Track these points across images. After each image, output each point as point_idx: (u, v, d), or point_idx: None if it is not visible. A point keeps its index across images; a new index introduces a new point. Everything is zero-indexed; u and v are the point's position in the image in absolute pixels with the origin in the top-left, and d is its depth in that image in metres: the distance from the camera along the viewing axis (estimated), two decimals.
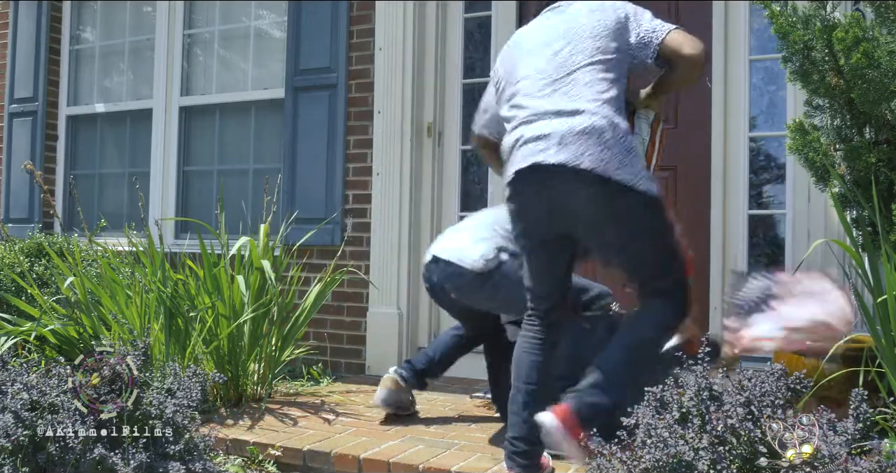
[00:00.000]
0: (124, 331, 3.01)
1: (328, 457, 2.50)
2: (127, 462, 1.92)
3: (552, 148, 2.08)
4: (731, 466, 1.57)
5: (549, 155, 2.09)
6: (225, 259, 3.17)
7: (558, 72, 2.20)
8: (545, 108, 2.16)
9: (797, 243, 3.19)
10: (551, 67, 2.22)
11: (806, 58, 2.38)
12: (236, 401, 3.11)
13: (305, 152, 4.06)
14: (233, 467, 2.52)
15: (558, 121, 2.11)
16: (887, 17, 2.31)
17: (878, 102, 2.27)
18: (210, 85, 4.69)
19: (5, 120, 5.14)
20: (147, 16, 4.92)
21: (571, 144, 2.07)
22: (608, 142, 2.07)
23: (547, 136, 2.11)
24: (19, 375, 2.08)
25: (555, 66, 2.21)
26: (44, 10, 5.04)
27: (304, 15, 4.13)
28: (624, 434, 1.76)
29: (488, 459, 2.42)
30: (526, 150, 2.15)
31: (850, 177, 2.38)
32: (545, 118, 2.15)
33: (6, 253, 3.82)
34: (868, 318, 2.13)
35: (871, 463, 1.50)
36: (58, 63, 5.11)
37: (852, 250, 2.17)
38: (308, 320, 3.35)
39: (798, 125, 2.48)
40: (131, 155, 4.92)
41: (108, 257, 3.38)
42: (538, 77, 2.23)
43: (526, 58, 2.30)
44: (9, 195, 5.07)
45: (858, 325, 2.62)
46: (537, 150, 2.11)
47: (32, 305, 3.37)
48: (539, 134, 2.13)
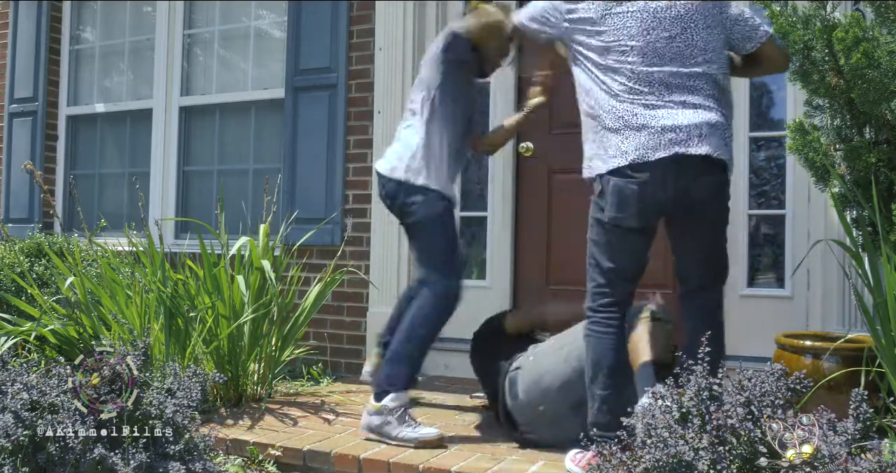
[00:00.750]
0: (124, 331, 3.01)
1: (328, 457, 2.50)
2: (127, 462, 1.92)
3: (694, 139, 2.20)
4: (731, 466, 1.57)
5: (693, 146, 2.19)
6: (225, 259, 3.17)
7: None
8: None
9: (797, 243, 3.19)
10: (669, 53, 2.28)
11: (806, 58, 2.38)
12: (236, 401, 3.11)
13: (305, 152, 4.06)
14: (233, 467, 2.52)
15: (692, 113, 2.23)
16: (887, 17, 2.31)
17: (878, 102, 2.26)
18: (210, 85, 4.69)
19: (5, 120, 5.14)
20: (147, 16, 4.92)
21: (711, 136, 2.22)
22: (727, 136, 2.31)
23: (687, 127, 2.20)
24: (19, 375, 2.08)
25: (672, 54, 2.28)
26: (44, 10, 5.05)
27: (304, 15, 4.13)
28: (624, 434, 1.76)
29: (488, 459, 2.42)
30: (665, 139, 2.19)
31: (850, 177, 2.38)
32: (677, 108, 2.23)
33: (6, 253, 3.82)
34: (868, 318, 2.13)
35: (871, 463, 1.50)
36: (58, 63, 5.11)
37: (852, 250, 2.17)
38: (308, 320, 3.35)
39: (798, 125, 2.48)
40: (131, 155, 4.92)
41: (108, 257, 3.38)
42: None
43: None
44: (9, 195, 5.07)
45: (858, 325, 2.62)
46: (679, 140, 2.19)
47: (32, 305, 3.37)
48: (676, 124, 2.20)
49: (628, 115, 2.24)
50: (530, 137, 3.74)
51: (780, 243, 3.30)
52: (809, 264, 3.08)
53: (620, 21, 2.28)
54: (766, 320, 3.13)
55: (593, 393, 2.25)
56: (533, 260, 3.75)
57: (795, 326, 3.06)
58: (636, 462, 1.65)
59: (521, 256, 3.78)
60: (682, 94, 2.24)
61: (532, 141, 3.73)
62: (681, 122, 2.21)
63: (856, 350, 2.35)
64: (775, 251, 3.33)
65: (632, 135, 2.22)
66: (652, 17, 2.27)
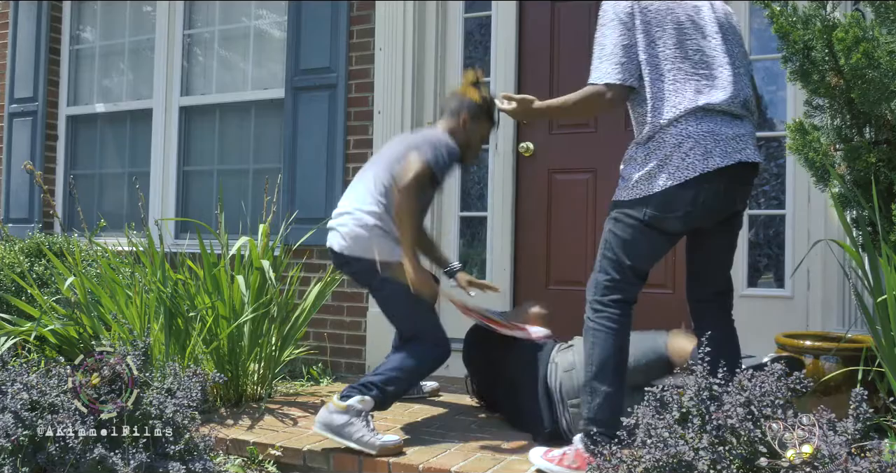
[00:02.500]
0: (124, 331, 3.01)
1: (328, 457, 2.50)
2: (127, 462, 1.92)
3: (750, 147, 2.21)
4: (731, 466, 1.57)
5: (750, 154, 2.20)
6: (225, 259, 3.17)
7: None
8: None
9: (797, 243, 3.19)
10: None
11: (806, 58, 2.38)
12: (236, 401, 3.11)
13: (305, 152, 4.06)
14: (233, 467, 2.52)
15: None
16: (887, 17, 2.31)
17: (878, 102, 2.26)
18: (210, 85, 4.69)
19: (5, 120, 5.14)
20: (147, 16, 4.93)
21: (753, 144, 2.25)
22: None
23: (742, 137, 2.21)
24: (19, 375, 2.09)
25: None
26: (44, 10, 5.05)
27: (304, 15, 4.13)
28: (624, 434, 1.76)
29: (488, 459, 2.42)
30: (728, 147, 2.18)
31: (850, 177, 2.38)
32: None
33: (6, 253, 3.82)
34: (868, 318, 2.13)
35: (871, 463, 1.50)
36: (58, 63, 5.11)
37: (852, 250, 2.17)
38: (308, 320, 3.35)
39: (798, 125, 2.48)
40: (131, 155, 4.92)
41: (108, 257, 3.38)
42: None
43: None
44: (9, 195, 5.08)
45: (858, 325, 2.62)
46: (739, 148, 2.18)
47: (32, 305, 3.37)
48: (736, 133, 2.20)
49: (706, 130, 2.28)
50: (530, 137, 3.74)
51: (780, 243, 3.30)
52: (809, 264, 3.08)
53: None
54: (767, 320, 3.13)
55: (595, 389, 2.19)
56: (533, 260, 3.75)
57: (795, 326, 3.06)
58: (636, 462, 1.65)
59: (521, 256, 3.78)
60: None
61: (532, 141, 3.73)
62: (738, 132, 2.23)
63: (856, 350, 2.35)
64: (775, 251, 3.33)
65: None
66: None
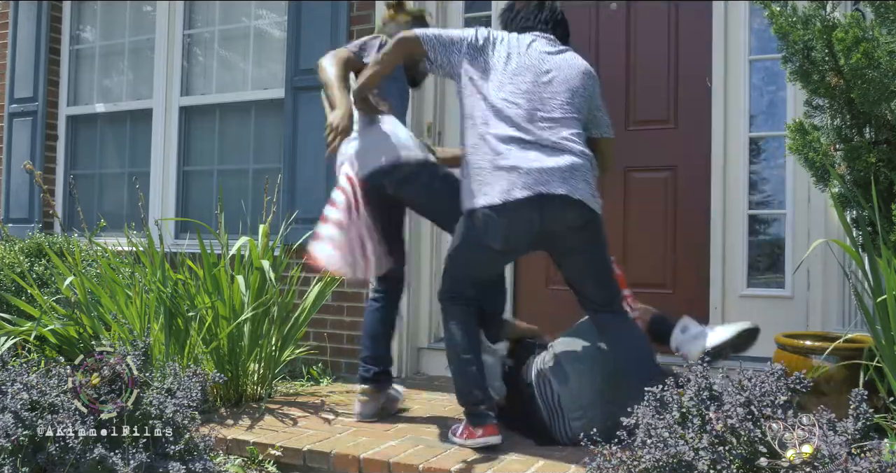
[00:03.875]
0: (124, 331, 3.01)
1: (328, 457, 2.50)
2: (127, 462, 1.92)
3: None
4: (731, 466, 1.57)
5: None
6: (225, 259, 3.17)
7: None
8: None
9: (797, 243, 3.19)
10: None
11: (806, 58, 2.38)
12: (236, 401, 3.11)
13: (305, 152, 4.06)
14: (233, 467, 2.52)
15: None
16: (887, 17, 2.31)
17: (878, 102, 2.26)
18: (210, 85, 4.69)
19: (5, 120, 5.14)
20: (147, 16, 4.92)
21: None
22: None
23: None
24: (19, 375, 2.09)
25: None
26: (44, 10, 5.05)
27: (304, 15, 4.13)
28: (624, 434, 1.76)
29: (488, 459, 2.42)
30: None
31: (850, 177, 2.38)
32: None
33: (6, 253, 3.82)
34: (868, 318, 2.13)
35: (870, 463, 1.50)
36: (58, 63, 5.11)
37: (852, 250, 2.17)
38: (308, 320, 3.35)
39: (798, 125, 2.48)
40: (131, 155, 4.92)
41: (108, 257, 3.38)
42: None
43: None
44: (9, 195, 5.07)
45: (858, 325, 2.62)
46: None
47: (32, 305, 3.37)
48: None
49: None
50: None
51: (780, 243, 3.30)
52: (809, 264, 3.08)
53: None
54: (767, 320, 3.13)
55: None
56: (533, 260, 3.74)
57: (795, 326, 3.06)
58: (636, 462, 1.65)
59: (521, 256, 3.77)
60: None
61: None
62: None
63: (855, 350, 2.35)
64: (775, 251, 3.33)
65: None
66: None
